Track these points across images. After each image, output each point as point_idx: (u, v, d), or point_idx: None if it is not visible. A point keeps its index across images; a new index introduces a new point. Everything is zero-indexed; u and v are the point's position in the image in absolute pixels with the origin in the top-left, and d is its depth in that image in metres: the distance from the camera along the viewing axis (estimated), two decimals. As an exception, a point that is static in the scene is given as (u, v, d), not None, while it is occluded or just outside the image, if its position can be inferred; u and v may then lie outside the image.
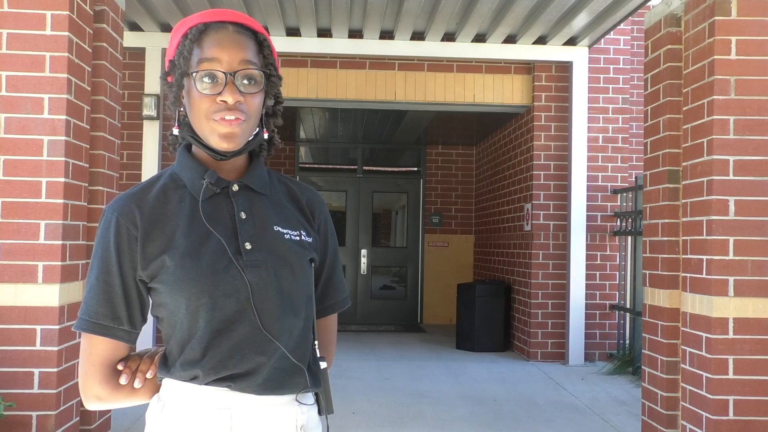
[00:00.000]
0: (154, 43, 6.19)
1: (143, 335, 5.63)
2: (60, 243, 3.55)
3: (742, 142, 3.63)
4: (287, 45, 6.28)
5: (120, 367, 1.25)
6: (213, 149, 1.26)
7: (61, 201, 3.56)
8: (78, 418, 3.83)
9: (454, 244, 9.79)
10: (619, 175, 6.77)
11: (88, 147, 3.90)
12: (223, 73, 1.22)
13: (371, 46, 6.48)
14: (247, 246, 1.25)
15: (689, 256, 3.86)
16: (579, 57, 6.64)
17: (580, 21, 5.93)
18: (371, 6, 5.66)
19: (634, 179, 6.90)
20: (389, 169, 10.12)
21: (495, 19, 6.01)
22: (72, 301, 3.70)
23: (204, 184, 1.26)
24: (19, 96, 3.55)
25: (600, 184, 6.74)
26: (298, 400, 1.29)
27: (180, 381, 1.24)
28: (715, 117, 3.64)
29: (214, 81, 1.22)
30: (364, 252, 9.76)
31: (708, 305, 3.63)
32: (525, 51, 6.58)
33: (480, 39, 6.51)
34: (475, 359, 6.99)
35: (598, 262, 6.75)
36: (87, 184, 3.90)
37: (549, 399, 5.34)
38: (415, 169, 9.98)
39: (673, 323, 3.99)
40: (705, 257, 3.68)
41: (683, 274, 3.94)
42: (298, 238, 1.31)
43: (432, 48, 6.51)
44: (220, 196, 1.29)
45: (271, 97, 1.32)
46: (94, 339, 1.23)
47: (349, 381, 5.79)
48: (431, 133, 9.05)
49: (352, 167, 10.04)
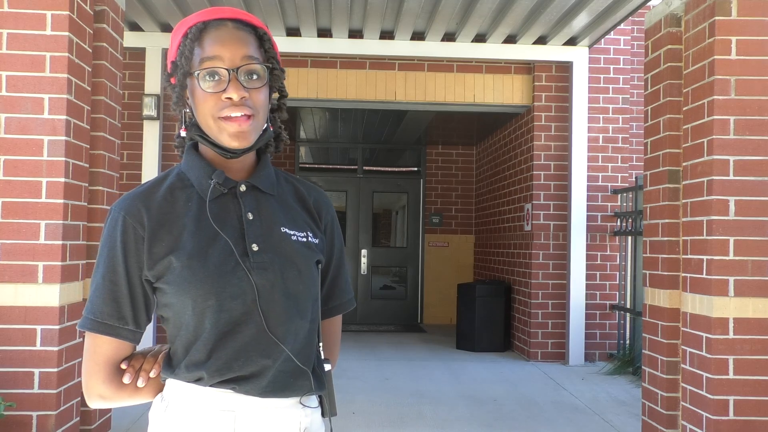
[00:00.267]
0: (154, 43, 6.19)
1: (144, 334, 5.62)
2: (60, 243, 3.55)
3: (743, 142, 3.62)
4: (287, 45, 6.28)
5: (123, 366, 1.24)
6: (223, 147, 1.25)
7: (62, 201, 3.56)
8: (78, 418, 3.83)
9: (455, 244, 9.79)
10: (619, 175, 6.77)
11: (89, 147, 3.90)
12: (226, 69, 1.21)
13: (371, 46, 6.48)
14: (254, 247, 1.24)
15: (689, 256, 3.86)
16: (579, 57, 6.64)
17: (581, 21, 5.93)
18: (371, 6, 5.66)
19: (634, 179, 6.90)
20: (389, 169, 10.12)
21: (495, 19, 6.01)
22: (72, 301, 3.70)
23: (212, 184, 1.26)
24: (19, 96, 3.55)
25: (600, 184, 6.74)
26: (302, 403, 1.28)
27: (184, 382, 1.23)
28: (715, 117, 3.64)
29: (218, 78, 1.22)
30: (364, 252, 9.76)
31: (708, 305, 3.63)
32: (525, 51, 6.58)
33: (480, 39, 6.51)
34: (475, 359, 6.99)
35: (599, 262, 6.75)
36: (87, 184, 3.90)
37: (549, 399, 5.34)
38: (415, 169, 9.97)
39: (674, 323, 3.99)
40: (705, 257, 3.68)
41: (683, 274, 3.94)
42: (305, 239, 1.31)
43: (432, 48, 6.51)
44: (228, 197, 1.28)
45: (275, 90, 1.32)
46: (99, 338, 1.23)
47: (350, 381, 5.79)
48: (431, 133, 9.05)
49: (352, 167, 10.04)
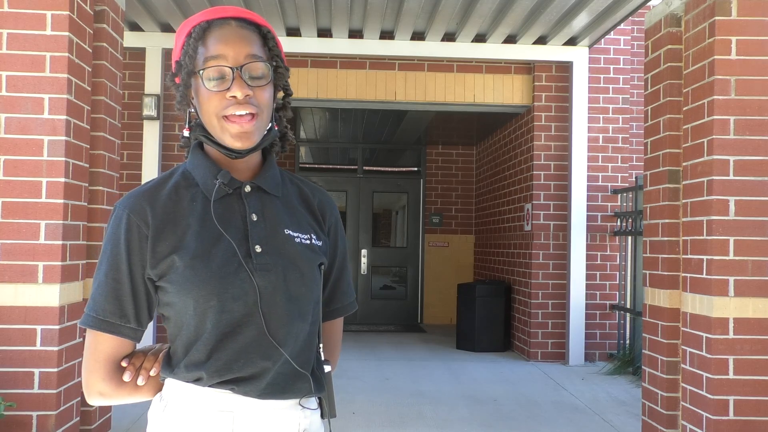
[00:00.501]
0: (154, 43, 6.19)
1: (145, 333, 5.61)
2: (60, 243, 3.55)
3: (743, 142, 3.62)
4: (287, 45, 6.27)
5: (124, 364, 1.24)
6: (227, 148, 1.25)
7: (62, 201, 3.56)
8: (78, 418, 3.83)
9: (455, 244, 9.79)
10: (619, 175, 6.77)
11: (89, 147, 3.90)
12: (230, 68, 1.21)
13: (371, 46, 6.48)
14: (258, 249, 1.24)
15: (689, 256, 3.86)
16: (579, 57, 6.64)
17: (581, 21, 5.93)
18: (371, 6, 5.66)
19: (634, 179, 6.90)
20: (389, 169, 10.12)
21: (495, 19, 6.01)
22: (72, 301, 3.70)
23: (216, 184, 1.26)
24: (19, 96, 3.55)
25: (600, 184, 6.74)
26: (301, 404, 1.28)
27: (183, 382, 1.23)
28: (715, 117, 3.64)
29: (222, 77, 1.22)
30: (364, 252, 9.76)
31: (708, 305, 3.63)
32: (525, 51, 6.58)
33: (480, 39, 6.51)
34: (475, 359, 6.99)
35: (599, 262, 6.75)
36: (87, 184, 3.90)
37: (549, 399, 5.34)
38: (415, 169, 9.97)
39: (674, 323, 3.99)
40: (705, 257, 3.68)
41: (683, 274, 3.94)
42: (308, 242, 1.31)
43: (432, 48, 6.51)
44: (232, 197, 1.28)
45: (280, 89, 1.31)
46: (100, 336, 1.23)
47: (350, 381, 5.79)
48: (431, 133, 9.05)
49: (353, 167, 10.04)
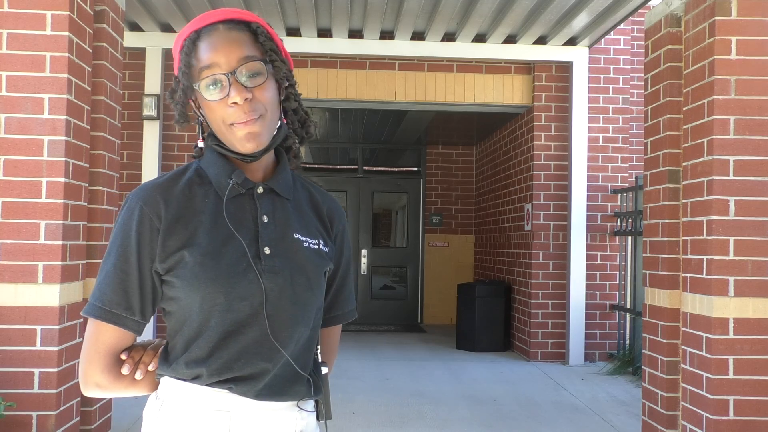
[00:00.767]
0: (154, 43, 6.19)
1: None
2: (60, 243, 3.55)
3: (742, 142, 3.62)
4: (287, 45, 6.23)
5: (123, 356, 1.24)
6: (239, 153, 1.25)
7: (62, 201, 3.56)
8: (78, 418, 3.83)
9: (454, 244, 9.79)
10: (619, 175, 6.77)
11: (89, 147, 3.90)
12: (225, 75, 1.21)
13: (371, 46, 6.48)
14: (266, 251, 1.24)
15: (689, 256, 3.86)
16: (579, 57, 6.64)
17: (580, 21, 5.93)
18: (371, 6, 5.66)
19: (634, 179, 6.90)
20: (389, 169, 10.12)
21: (495, 19, 6.01)
22: (72, 301, 3.70)
23: (230, 184, 1.26)
24: (19, 96, 3.55)
25: (600, 184, 6.74)
26: (298, 406, 1.28)
27: (180, 380, 1.23)
28: (715, 117, 3.64)
29: (219, 85, 1.21)
30: (364, 252, 9.76)
31: (708, 305, 3.63)
32: (525, 51, 6.58)
33: (480, 39, 6.51)
34: (475, 359, 6.99)
35: (598, 262, 6.75)
36: (87, 184, 3.90)
37: (549, 399, 5.34)
38: (415, 169, 9.97)
39: (674, 323, 3.99)
40: (705, 257, 3.68)
41: (683, 274, 3.94)
42: (316, 247, 1.31)
43: (432, 48, 6.51)
44: (245, 197, 1.28)
45: (283, 80, 1.30)
46: (103, 326, 1.22)
47: (350, 381, 5.79)
48: (431, 133, 9.05)
49: (353, 167, 10.04)
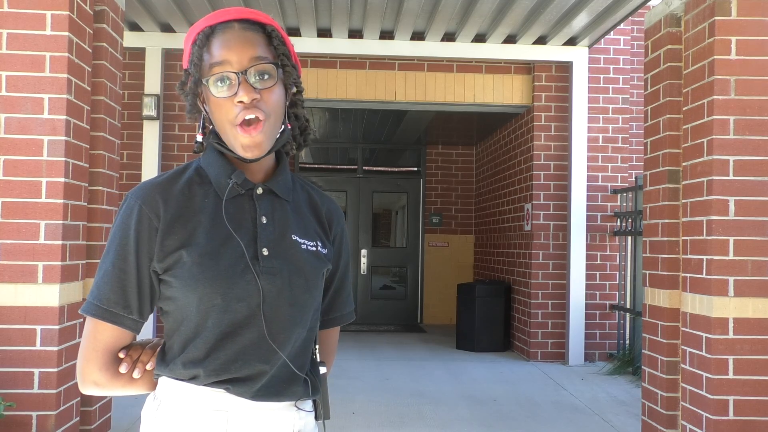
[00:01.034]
0: (154, 43, 6.19)
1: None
2: (60, 243, 3.55)
3: (742, 142, 3.62)
4: (287, 45, 6.27)
5: (121, 355, 1.24)
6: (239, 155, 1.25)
7: (61, 201, 3.56)
8: (78, 418, 3.83)
9: (454, 244, 9.79)
10: (619, 175, 6.77)
11: (88, 147, 3.90)
12: (235, 73, 1.20)
13: (371, 46, 6.48)
14: (265, 252, 1.24)
15: (689, 256, 3.86)
16: (579, 57, 6.64)
17: (580, 21, 5.93)
18: (371, 6, 5.66)
19: (634, 179, 6.90)
20: (389, 169, 10.12)
21: (495, 19, 6.01)
22: (72, 301, 3.70)
23: (230, 184, 1.26)
24: (19, 96, 3.55)
25: (600, 184, 6.74)
26: (296, 406, 1.28)
27: (178, 380, 1.23)
28: (715, 117, 3.64)
29: (228, 83, 1.21)
30: (364, 252, 9.76)
31: (708, 305, 3.63)
32: (525, 51, 6.58)
33: (480, 39, 6.51)
34: (475, 359, 6.99)
35: (598, 262, 6.75)
36: (87, 184, 3.90)
37: (549, 399, 5.34)
38: (415, 169, 9.97)
39: (673, 323, 3.99)
40: (705, 257, 3.68)
41: (683, 274, 3.94)
42: (314, 249, 1.31)
43: (432, 48, 6.51)
44: (244, 198, 1.28)
45: (291, 86, 1.30)
46: (101, 325, 1.22)
47: (349, 381, 5.79)
48: (431, 133, 9.05)
49: (352, 167, 10.04)
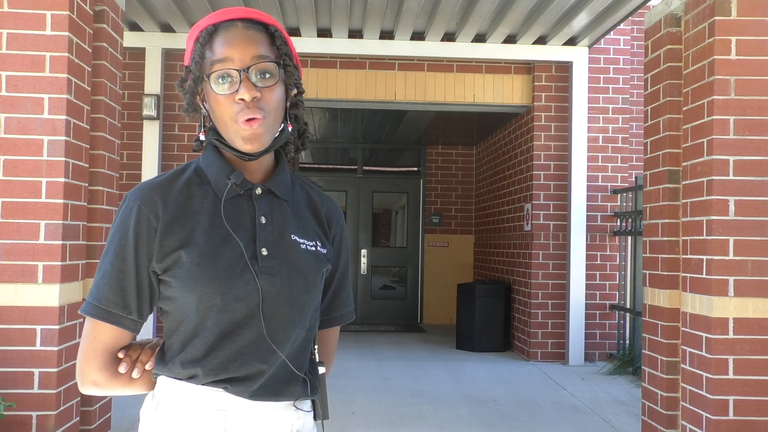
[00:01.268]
0: (154, 43, 6.19)
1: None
2: (60, 243, 3.55)
3: (742, 142, 3.62)
4: (287, 45, 6.27)
5: (121, 355, 1.24)
6: (239, 151, 1.25)
7: (61, 201, 3.56)
8: (78, 418, 3.83)
9: (454, 244, 9.79)
10: (619, 175, 6.77)
11: (88, 147, 3.90)
12: (237, 70, 1.21)
13: (371, 46, 6.48)
14: (264, 252, 1.24)
15: (689, 256, 3.86)
16: (579, 57, 6.64)
17: (580, 21, 5.93)
18: (371, 6, 5.66)
19: (634, 179, 6.90)
20: (389, 169, 10.12)
21: (495, 19, 6.01)
22: (72, 301, 3.70)
23: (229, 184, 1.26)
24: (19, 96, 3.55)
25: (600, 184, 6.74)
26: (295, 406, 1.28)
27: (176, 379, 1.23)
28: (715, 117, 3.64)
29: (229, 80, 1.21)
30: (364, 252, 9.76)
31: (708, 305, 3.63)
32: (525, 51, 6.58)
33: (480, 39, 6.51)
34: (475, 359, 6.99)
35: (598, 262, 6.75)
36: (87, 184, 3.90)
37: (549, 399, 5.34)
38: (415, 169, 9.97)
39: (673, 323, 3.99)
40: (705, 257, 3.68)
41: (683, 274, 3.94)
42: (313, 248, 1.31)
43: (432, 48, 6.51)
44: (243, 198, 1.28)
45: (292, 87, 1.31)
46: (100, 325, 1.22)
47: (349, 381, 5.79)
48: (431, 133, 9.05)
49: (352, 167, 10.04)
